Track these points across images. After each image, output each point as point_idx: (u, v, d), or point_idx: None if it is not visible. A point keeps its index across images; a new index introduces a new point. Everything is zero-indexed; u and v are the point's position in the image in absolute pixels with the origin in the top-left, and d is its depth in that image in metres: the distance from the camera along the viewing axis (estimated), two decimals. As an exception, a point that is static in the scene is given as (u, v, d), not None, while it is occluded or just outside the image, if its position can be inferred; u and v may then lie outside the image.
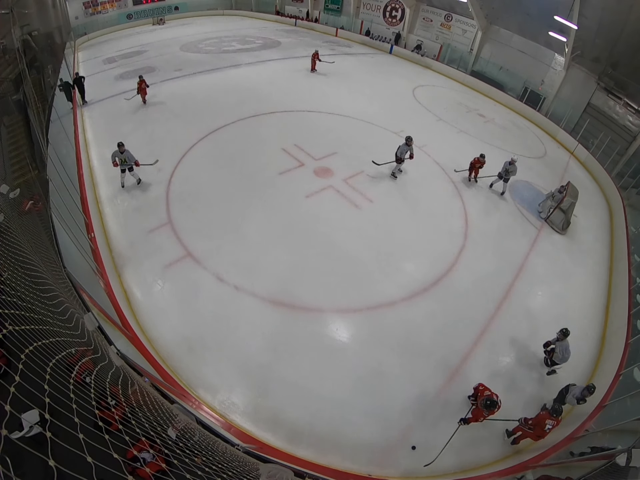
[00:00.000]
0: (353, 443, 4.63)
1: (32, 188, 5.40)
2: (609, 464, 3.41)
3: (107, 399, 2.21)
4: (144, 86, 11.94)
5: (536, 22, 15.49)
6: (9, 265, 2.72)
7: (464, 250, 7.67)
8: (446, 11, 20.06)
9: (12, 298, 2.24)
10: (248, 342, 5.48)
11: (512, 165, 9.35)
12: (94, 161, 9.24)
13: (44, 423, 1.48)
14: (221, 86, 13.91)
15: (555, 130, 14.81)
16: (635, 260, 7.94)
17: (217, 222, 7.49)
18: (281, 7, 29.12)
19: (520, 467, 4.46)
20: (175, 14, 27.76)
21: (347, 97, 14.37)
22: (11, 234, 3.15)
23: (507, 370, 5.76)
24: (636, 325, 6.22)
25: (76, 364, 2.32)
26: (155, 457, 1.90)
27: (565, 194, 9.07)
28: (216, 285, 6.24)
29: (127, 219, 7.48)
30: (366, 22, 24.02)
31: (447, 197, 9.31)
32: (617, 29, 12.10)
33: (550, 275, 7.63)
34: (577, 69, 14.90)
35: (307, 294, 6.25)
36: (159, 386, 3.77)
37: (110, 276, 5.93)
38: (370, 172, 9.64)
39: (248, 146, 10.15)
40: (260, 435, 4.52)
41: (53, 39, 14.33)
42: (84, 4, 23.16)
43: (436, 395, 5.20)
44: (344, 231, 7.62)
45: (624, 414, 4.60)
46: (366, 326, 5.96)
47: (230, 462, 2.71)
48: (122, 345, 4.00)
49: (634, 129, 12.78)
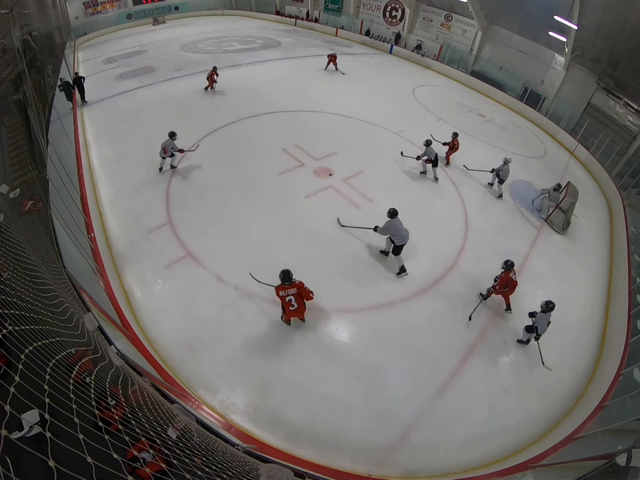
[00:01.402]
0: (353, 443, 4.62)
1: (32, 188, 5.41)
2: (609, 464, 3.40)
3: (107, 399, 2.21)
4: (214, 77, 13.15)
5: (536, 22, 15.50)
6: (9, 265, 2.72)
7: (464, 250, 7.68)
8: (446, 11, 20.08)
9: (12, 298, 2.24)
10: (248, 342, 5.48)
11: (504, 165, 9.30)
12: (94, 161, 9.24)
13: (43, 423, 1.48)
14: (221, 86, 13.91)
15: (555, 130, 14.81)
16: (635, 260, 7.94)
17: (217, 222, 7.49)
18: (281, 7, 29.14)
19: (520, 467, 4.45)
20: (175, 14, 27.78)
21: (347, 97, 14.38)
22: (11, 234, 3.15)
23: (507, 370, 5.76)
24: (636, 325, 6.21)
25: (76, 364, 2.32)
26: (155, 457, 1.90)
27: (565, 194, 9.07)
28: (216, 285, 6.24)
29: (127, 219, 7.48)
30: (366, 22, 24.03)
31: (447, 198, 9.31)
32: (617, 29, 12.10)
33: (550, 275, 7.63)
34: (577, 69, 14.90)
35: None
36: (159, 386, 3.77)
37: (110, 276, 5.93)
38: (370, 172, 9.64)
39: (248, 146, 10.15)
40: (260, 435, 4.52)
41: (53, 39, 14.34)
42: (84, 4, 23.19)
43: (436, 395, 5.20)
44: (344, 231, 7.63)
45: (624, 414, 4.59)
46: (366, 326, 5.96)
47: (230, 462, 2.71)
48: (122, 345, 4.00)
49: (634, 129, 12.79)
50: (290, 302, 5.15)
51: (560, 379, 5.76)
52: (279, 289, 5.13)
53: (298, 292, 5.14)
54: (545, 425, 5.19)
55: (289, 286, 5.10)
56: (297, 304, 5.17)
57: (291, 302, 5.15)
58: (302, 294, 5.18)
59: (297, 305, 5.18)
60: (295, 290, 5.13)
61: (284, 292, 5.10)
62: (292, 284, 5.12)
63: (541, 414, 5.28)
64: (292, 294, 5.12)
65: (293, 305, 5.17)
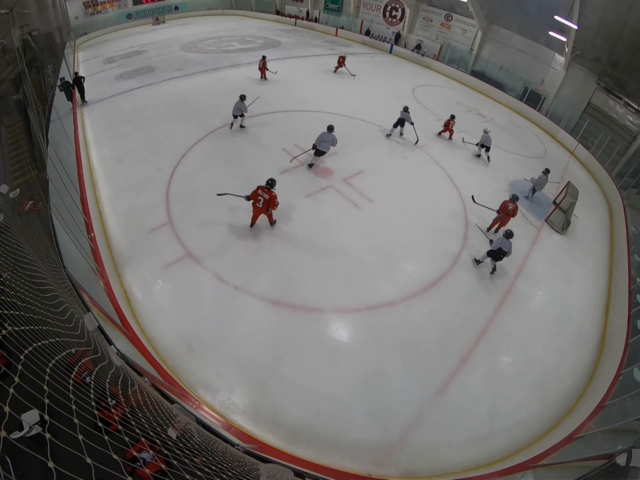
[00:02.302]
0: (353, 443, 4.62)
1: (32, 188, 5.40)
2: (609, 464, 3.40)
3: (107, 399, 2.21)
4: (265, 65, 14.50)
5: (536, 22, 15.50)
6: (9, 265, 2.72)
7: (464, 250, 7.68)
8: (446, 11, 20.07)
9: (12, 298, 2.24)
10: (248, 342, 5.48)
11: (485, 135, 10.97)
12: (94, 161, 9.23)
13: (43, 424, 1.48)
14: (221, 86, 13.90)
15: (555, 130, 14.81)
16: (635, 260, 7.94)
17: (217, 221, 7.49)
18: (281, 7, 29.13)
19: (520, 467, 4.45)
20: (175, 14, 27.76)
21: (347, 96, 14.38)
22: (11, 234, 3.15)
23: (507, 370, 5.77)
24: (636, 325, 6.21)
25: (76, 364, 2.32)
26: (154, 458, 1.90)
27: (565, 194, 9.07)
28: (216, 285, 6.24)
29: (127, 219, 7.48)
30: (366, 22, 24.03)
31: (448, 197, 9.31)
32: (617, 29, 12.10)
33: (550, 275, 7.63)
34: (577, 68, 14.90)
35: (307, 294, 6.25)
36: (159, 386, 3.77)
37: (110, 276, 5.93)
38: (370, 172, 9.65)
39: (248, 146, 10.15)
40: (260, 435, 4.52)
41: (53, 39, 14.32)
42: (84, 3, 23.16)
43: (436, 395, 5.20)
44: (344, 231, 7.63)
45: (624, 414, 4.59)
46: (366, 326, 5.96)
47: (230, 462, 2.71)
48: (122, 345, 4.00)
49: (634, 129, 12.79)
50: (259, 202, 6.75)
51: (560, 379, 5.77)
52: (259, 187, 6.76)
53: (270, 198, 6.70)
54: (545, 425, 5.19)
55: (267, 191, 6.72)
56: (262, 206, 6.78)
57: (260, 202, 6.74)
58: (271, 202, 6.76)
59: (262, 207, 6.80)
60: (268, 197, 6.70)
61: (261, 192, 6.72)
62: (269, 191, 6.73)
63: (541, 414, 5.28)
64: (266, 198, 6.70)
65: (259, 204, 6.78)
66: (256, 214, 7.04)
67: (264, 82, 14.84)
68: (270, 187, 6.77)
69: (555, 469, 4.27)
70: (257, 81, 14.82)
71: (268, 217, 7.20)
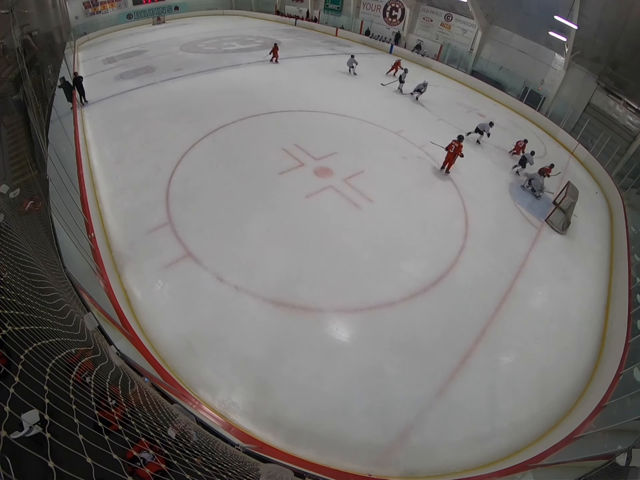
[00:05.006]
0: (353, 443, 4.62)
1: (32, 188, 5.40)
2: (609, 464, 3.40)
3: (107, 399, 2.21)
4: (277, 51, 17.10)
5: (536, 22, 15.51)
6: (9, 265, 2.72)
7: (464, 250, 7.67)
8: (446, 11, 20.09)
9: (12, 298, 2.24)
10: (248, 342, 5.48)
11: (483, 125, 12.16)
12: (94, 161, 9.24)
13: (43, 424, 1.48)
14: (221, 86, 13.91)
15: (555, 130, 14.82)
16: (635, 260, 7.94)
17: (217, 222, 7.49)
18: (281, 7, 29.15)
19: (520, 467, 4.45)
20: (175, 14, 27.77)
21: (347, 96, 14.39)
22: (11, 234, 3.15)
23: (507, 370, 5.77)
24: (636, 325, 6.22)
25: (76, 364, 2.32)
26: (155, 458, 1.90)
27: (565, 193, 9.07)
28: (216, 285, 6.24)
29: (127, 219, 7.48)
30: (366, 22, 24.05)
31: (448, 197, 9.31)
32: (617, 29, 12.11)
33: (550, 275, 7.63)
34: (577, 68, 14.91)
35: (307, 294, 6.25)
36: (159, 386, 3.77)
37: (110, 276, 5.92)
38: (370, 171, 9.65)
39: (248, 146, 10.15)
40: (260, 435, 4.52)
41: (53, 39, 14.32)
42: (84, 3, 23.17)
43: (436, 395, 5.20)
44: (344, 231, 7.63)
45: (624, 414, 4.59)
46: (366, 326, 5.96)
47: (230, 462, 2.71)
48: (122, 345, 4.00)
49: (634, 129, 12.79)
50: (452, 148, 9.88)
51: (560, 379, 5.77)
52: (454, 141, 9.91)
53: (458, 147, 9.77)
54: (545, 425, 5.19)
55: (458, 142, 9.88)
56: (453, 151, 9.86)
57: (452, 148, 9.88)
58: (458, 149, 9.81)
59: (453, 152, 9.87)
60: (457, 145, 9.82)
61: (454, 143, 9.85)
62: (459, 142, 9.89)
63: (541, 414, 5.28)
64: (456, 146, 9.82)
65: (451, 150, 9.87)
66: (449, 158, 9.93)
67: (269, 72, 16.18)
68: (460, 140, 9.82)
69: (555, 469, 4.27)
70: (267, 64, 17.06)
71: (451, 163, 9.99)
